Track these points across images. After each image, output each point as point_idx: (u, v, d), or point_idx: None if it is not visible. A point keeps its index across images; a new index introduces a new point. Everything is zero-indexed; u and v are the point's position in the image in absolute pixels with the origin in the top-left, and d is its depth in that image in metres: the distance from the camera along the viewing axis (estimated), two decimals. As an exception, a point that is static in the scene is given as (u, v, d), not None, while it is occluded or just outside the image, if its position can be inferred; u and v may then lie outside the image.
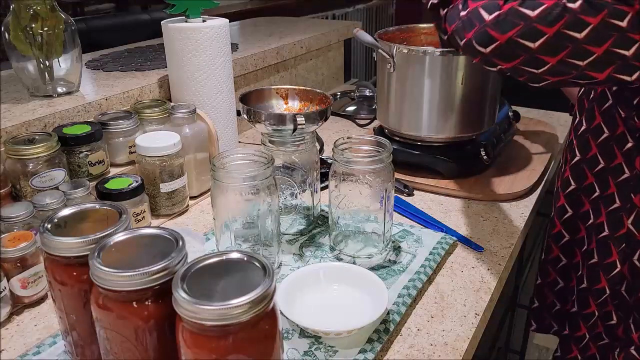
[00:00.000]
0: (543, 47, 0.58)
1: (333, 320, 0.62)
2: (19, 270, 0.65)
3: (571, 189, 0.80)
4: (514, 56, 0.60)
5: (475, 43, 0.62)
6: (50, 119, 0.86)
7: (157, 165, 0.83)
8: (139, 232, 0.50)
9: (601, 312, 0.77)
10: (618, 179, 0.72)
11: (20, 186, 0.76)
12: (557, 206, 0.84)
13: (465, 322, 0.64)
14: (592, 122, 0.75)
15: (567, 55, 0.58)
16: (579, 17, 0.55)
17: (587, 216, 0.78)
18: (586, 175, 0.77)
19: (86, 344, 0.54)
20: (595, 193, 0.76)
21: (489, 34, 0.60)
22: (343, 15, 3.16)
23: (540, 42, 0.58)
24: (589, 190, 0.77)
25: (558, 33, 0.57)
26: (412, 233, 0.81)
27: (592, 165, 0.76)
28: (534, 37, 0.58)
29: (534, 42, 0.58)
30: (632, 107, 0.68)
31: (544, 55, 0.59)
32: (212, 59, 0.96)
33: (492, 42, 0.60)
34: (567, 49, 0.58)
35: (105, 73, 1.12)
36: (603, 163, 0.74)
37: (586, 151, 0.76)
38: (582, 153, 0.77)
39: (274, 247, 0.72)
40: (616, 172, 0.72)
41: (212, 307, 0.41)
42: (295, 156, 0.77)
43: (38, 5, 0.89)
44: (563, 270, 0.86)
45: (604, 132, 0.73)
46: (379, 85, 1.02)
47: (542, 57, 0.59)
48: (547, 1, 0.57)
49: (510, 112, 1.13)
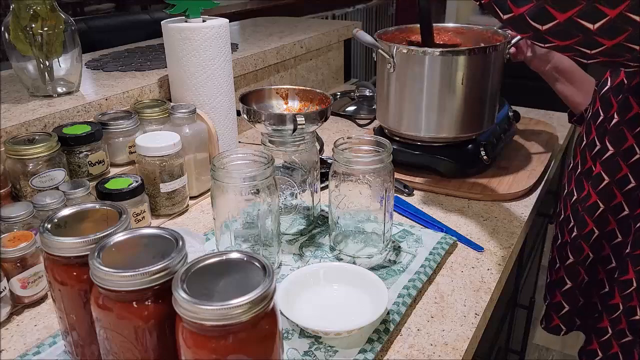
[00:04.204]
0: (603, 29, 0.55)
1: (333, 320, 0.62)
2: (19, 270, 0.65)
3: (604, 184, 0.78)
4: (571, 36, 0.58)
5: (531, 20, 0.59)
6: (50, 119, 0.86)
7: (157, 165, 0.83)
8: (139, 232, 0.50)
9: (626, 306, 0.75)
10: None
11: (20, 186, 0.76)
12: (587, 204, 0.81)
13: (465, 322, 0.64)
14: (627, 114, 0.72)
15: (626, 39, 0.55)
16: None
17: (620, 208, 0.77)
18: (621, 167, 0.75)
19: (86, 344, 0.54)
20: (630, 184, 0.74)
21: (549, 12, 0.57)
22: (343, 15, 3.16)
23: (601, 23, 0.55)
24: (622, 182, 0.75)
25: (620, 15, 0.53)
26: (412, 233, 0.81)
27: (627, 158, 0.74)
28: (594, 18, 0.55)
29: (593, 24, 0.55)
30: None
31: (602, 38, 0.56)
32: (212, 59, 0.96)
33: (551, 20, 0.57)
34: (626, 32, 0.54)
35: (105, 73, 1.12)
36: (639, 154, 0.72)
37: (621, 143, 0.74)
38: (616, 146, 0.75)
39: (274, 247, 0.72)
40: None
41: (212, 307, 0.41)
42: (295, 156, 0.77)
43: (38, 5, 0.89)
44: (590, 266, 0.84)
45: None
46: (378, 85, 1.02)
47: (600, 39, 0.56)
48: None
49: (510, 112, 1.13)
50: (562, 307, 0.88)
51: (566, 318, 0.89)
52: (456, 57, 0.90)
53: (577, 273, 0.85)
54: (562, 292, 0.88)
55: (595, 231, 0.81)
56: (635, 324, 0.73)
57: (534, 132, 1.18)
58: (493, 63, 0.94)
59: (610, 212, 0.78)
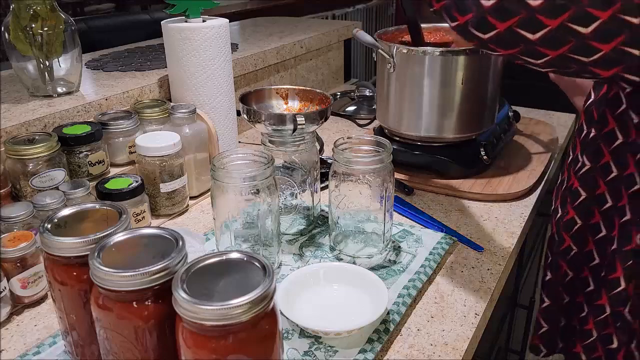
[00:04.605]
0: (544, 40, 0.54)
1: (333, 320, 0.62)
2: (19, 270, 0.65)
3: (581, 199, 0.74)
4: (513, 45, 0.56)
5: (473, 29, 0.58)
6: (50, 119, 0.86)
7: (157, 165, 0.83)
8: (139, 232, 0.50)
9: (600, 334, 0.71)
10: (630, 189, 0.66)
11: (20, 186, 0.76)
12: (564, 220, 0.76)
13: (465, 322, 0.64)
14: (604, 128, 0.70)
15: (569, 50, 0.53)
16: (587, 10, 0.50)
17: (597, 228, 0.72)
18: (598, 184, 0.71)
19: (86, 344, 0.54)
20: (607, 204, 0.70)
21: (489, 21, 0.55)
22: (343, 15, 3.16)
23: (541, 34, 0.53)
24: (600, 200, 0.71)
25: (561, 26, 0.52)
26: (412, 233, 0.81)
27: (604, 173, 0.70)
28: (534, 28, 0.53)
29: (533, 34, 0.54)
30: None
31: (544, 48, 0.55)
32: (212, 59, 0.96)
33: (491, 30, 0.56)
34: (570, 44, 0.53)
35: (105, 73, 1.12)
36: (616, 171, 0.68)
37: (598, 158, 0.71)
38: (593, 161, 0.72)
39: (274, 247, 0.72)
40: (629, 182, 0.66)
41: (212, 307, 0.41)
42: (295, 156, 0.77)
43: (38, 5, 0.89)
44: (570, 285, 0.79)
45: (618, 138, 0.68)
46: (378, 85, 1.02)
47: (542, 49, 0.55)
48: None
49: (510, 112, 1.13)
50: (541, 326, 0.84)
51: (545, 338, 0.83)
52: (456, 57, 0.90)
53: (556, 292, 0.80)
54: (541, 310, 0.83)
55: (573, 248, 0.76)
56: (612, 354, 0.70)
57: (534, 132, 1.18)
58: (493, 63, 0.94)
59: (589, 231, 0.74)
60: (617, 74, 0.54)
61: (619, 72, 0.54)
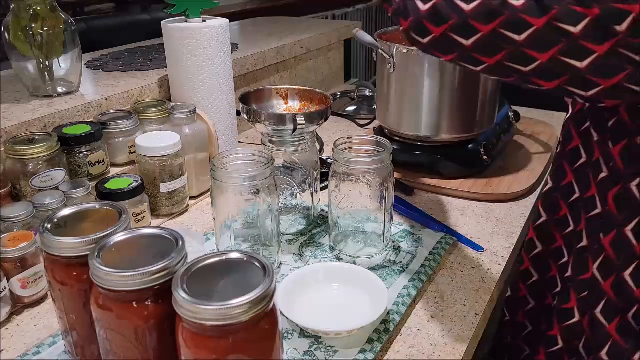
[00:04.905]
0: (477, 46, 0.51)
1: (333, 320, 0.62)
2: (19, 270, 0.65)
3: (541, 221, 0.70)
4: (449, 51, 0.54)
5: (413, 33, 0.55)
6: (50, 119, 0.86)
7: (157, 165, 0.83)
8: (139, 232, 0.50)
9: None
10: (589, 213, 0.61)
11: (20, 186, 0.76)
12: (527, 238, 0.73)
13: (465, 322, 0.64)
14: (567, 145, 0.65)
15: (505, 58, 0.50)
16: (520, 16, 0.47)
17: (559, 253, 0.67)
18: (560, 205, 0.66)
19: (86, 344, 0.54)
20: (569, 227, 0.65)
21: (425, 26, 0.53)
22: (343, 15, 3.16)
23: (474, 40, 0.50)
24: (562, 222, 0.67)
25: (494, 32, 0.49)
26: (412, 233, 0.81)
27: (567, 194, 0.65)
28: (467, 34, 0.51)
29: (467, 39, 0.51)
30: (607, 129, 0.58)
31: (479, 55, 0.52)
32: (212, 59, 0.96)
33: (428, 34, 0.53)
34: (504, 51, 0.50)
35: (105, 73, 1.12)
36: (578, 193, 0.64)
37: (560, 179, 0.66)
38: (556, 181, 0.67)
39: (274, 247, 0.72)
40: (590, 205, 0.61)
41: (212, 307, 0.41)
42: (295, 156, 0.77)
43: (38, 5, 0.89)
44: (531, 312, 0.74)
45: (581, 157, 0.63)
46: (379, 85, 1.02)
47: (478, 56, 0.52)
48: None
49: (510, 112, 1.13)
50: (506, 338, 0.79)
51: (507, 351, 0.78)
52: (456, 57, 0.90)
53: (519, 324, 0.76)
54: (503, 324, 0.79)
55: (533, 274, 0.71)
56: None
57: (534, 132, 1.18)
58: (493, 63, 0.94)
59: (551, 255, 0.69)
60: (561, 87, 0.51)
61: (562, 85, 0.51)
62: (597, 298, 0.59)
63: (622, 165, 0.56)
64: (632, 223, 0.55)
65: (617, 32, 0.44)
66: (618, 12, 0.44)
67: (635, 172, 0.55)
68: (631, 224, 0.55)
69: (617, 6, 0.44)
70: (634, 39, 0.44)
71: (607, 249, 0.58)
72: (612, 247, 0.57)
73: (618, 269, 0.57)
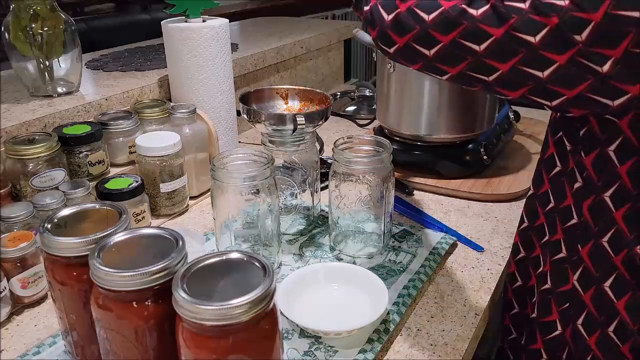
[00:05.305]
0: (439, 56, 0.51)
1: (333, 320, 0.62)
2: (19, 270, 0.65)
3: (524, 227, 0.68)
4: (414, 61, 0.54)
5: (380, 42, 0.56)
6: (50, 119, 0.86)
7: (157, 165, 0.83)
8: (139, 232, 0.50)
9: None
10: (566, 223, 0.60)
11: (20, 186, 0.76)
12: (513, 243, 0.71)
13: (465, 322, 0.64)
14: (545, 152, 0.64)
15: (467, 68, 0.51)
16: (479, 26, 0.48)
17: (537, 262, 0.66)
18: (538, 214, 0.65)
19: (86, 344, 0.54)
20: (545, 236, 0.64)
21: (389, 36, 0.54)
22: (343, 15, 3.16)
23: (435, 50, 0.51)
24: (539, 230, 0.65)
25: (454, 42, 0.49)
26: (412, 233, 0.81)
27: (543, 203, 0.64)
28: (429, 44, 0.51)
29: (429, 50, 0.52)
30: (578, 139, 0.56)
31: (442, 65, 0.52)
32: (212, 59, 0.96)
33: (392, 44, 0.54)
34: (465, 61, 0.50)
35: (105, 73, 1.12)
36: (553, 202, 0.62)
37: (539, 186, 0.65)
38: (536, 187, 0.66)
39: (274, 247, 0.72)
40: (565, 215, 0.60)
41: (212, 307, 0.41)
42: (295, 156, 0.77)
43: (38, 5, 0.89)
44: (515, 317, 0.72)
45: (557, 166, 0.61)
46: (379, 85, 1.02)
47: (441, 66, 0.52)
48: (446, 3, 0.49)
49: (510, 112, 1.13)
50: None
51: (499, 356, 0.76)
52: (456, 57, 0.90)
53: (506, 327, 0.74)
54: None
55: (518, 279, 0.70)
56: None
57: (534, 132, 1.18)
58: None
59: (531, 262, 0.67)
60: (525, 96, 0.51)
61: (526, 94, 0.50)
62: (578, 310, 0.58)
63: (595, 175, 0.55)
64: (607, 234, 0.54)
65: (576, 42, 0.44)
66: (578, 21, 0.43)
67: (607, 183, 0.53)
68: (607, 235, 0.54)
69: (577, 15, 0.43)
70: (593, 49, 0.44)
71: (586, 260, 0.57)
72: (590, 259, 0.56)
73: (598, 280, 0.56)
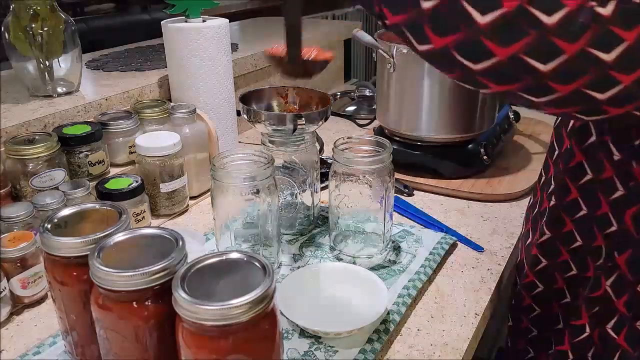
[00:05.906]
0: (558, 72, 0.39)
1: (333, 320, 0.62)
2: (19, 270, 0.65)
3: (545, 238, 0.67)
4: (516, 79, 0.41)
5: (459, 54, 0.42)
6: (50, 119, 0.86)
7: (157, 165, 0.83)
8: (139, 232, 0.50)
9: None
10: (605, 230, 0.58)
11: (20, 186, 0.76)
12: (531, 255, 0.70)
13: (465, 322, 0.64)
14: (569, 162, 0.61)
15: (586, 84, 0.40)
16: (611, 29, 0.37)
17: (566, 267, 0.65)
18: (564, 222, 0.64)
19: (86, 344, 0.54)
20: (576, 242, 0.63)
21: (485, 46, 0.40)
22: (343, 15, 3.16)
23: (556, 63, 0.39)
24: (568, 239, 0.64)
25: (582, 52, 0.38)
26: (412, 233, 0.81)
27: (571, 211, 0.62)
28: (547, 56, 0.39)
29: (545, 63, 0.39)
30: (633, 149, 0.53)
31: (557, 83, 0.40)
32: (212, 59, 0.96)
33: (488, 57, 0.41)
34: (587, 76, 0.39)
35: (105, 73, 1.12)
36: (586, 210, 0.60)
37: (564, 194, 0.63)
38: (559, 197, 0.64)
39: (274, 247, 0.72)
40: (603, 222, 0.58)
41: (212, 307, 0.41)
42: (295, 156, 0.77)
43: (38, 5, 0.89)
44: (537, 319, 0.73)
45: (587, 174, 0.59)
46: (379, 85, 1.02)
47: (554, 85, 0.40)
48: (570, 2, 0.37)
49: (510, 112, 1.13)
50: None
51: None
52: (456, 57, 0.90)
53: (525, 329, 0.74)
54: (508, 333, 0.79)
55: (538, 285, 0.69)
56: None
57: (534, 132, 1.18)
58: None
59: (556, 269, 0.67)
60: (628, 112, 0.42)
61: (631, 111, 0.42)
62: (609, 315, 0.59)
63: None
64: None
65: None
66: None
67: None
68: None
69: None
70: None
71: (622, 266, 0.57)
72: (627, 266, 0.57)
73: (632, 285, 0.56)
